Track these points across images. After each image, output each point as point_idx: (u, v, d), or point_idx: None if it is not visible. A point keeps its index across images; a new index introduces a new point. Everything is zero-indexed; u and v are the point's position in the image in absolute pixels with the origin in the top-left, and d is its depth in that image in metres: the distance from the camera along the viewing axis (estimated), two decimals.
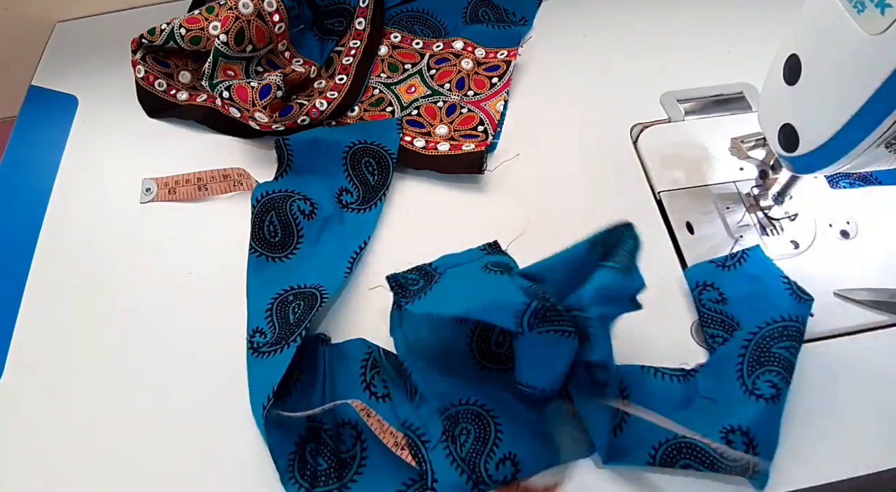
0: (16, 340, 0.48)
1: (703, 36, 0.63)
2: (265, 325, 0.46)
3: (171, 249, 0.52)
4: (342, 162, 0.53)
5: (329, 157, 0.53)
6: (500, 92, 0.59)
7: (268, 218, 0.50)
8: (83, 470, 0.43)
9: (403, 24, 0.65)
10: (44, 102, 0.62)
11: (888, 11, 0.29)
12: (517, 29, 0.62)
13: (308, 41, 0.63)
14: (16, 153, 0.59)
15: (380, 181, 0.53)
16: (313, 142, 0.54)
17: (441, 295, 0.42)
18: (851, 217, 0.51)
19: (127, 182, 0.56)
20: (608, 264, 0.39)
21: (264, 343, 0.45)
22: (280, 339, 0.44)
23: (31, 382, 0.46)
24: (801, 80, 0.37)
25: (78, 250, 0.52)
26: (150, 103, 0.60)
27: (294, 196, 0.51)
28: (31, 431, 0.44)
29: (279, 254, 0.49)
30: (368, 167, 0.53)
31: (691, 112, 0.58)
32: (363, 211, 0.52)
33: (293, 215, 0.50)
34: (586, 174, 0.55)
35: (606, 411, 0.40)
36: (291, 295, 0.47)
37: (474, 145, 0.54)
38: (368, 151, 0.53)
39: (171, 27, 0.57)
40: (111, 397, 0.45)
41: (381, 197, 0.53)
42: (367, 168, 0.53)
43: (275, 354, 0.43)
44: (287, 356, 0.42)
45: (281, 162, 0.54)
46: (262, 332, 0.45)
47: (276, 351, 0.43)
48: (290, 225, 0.50)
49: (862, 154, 0.35)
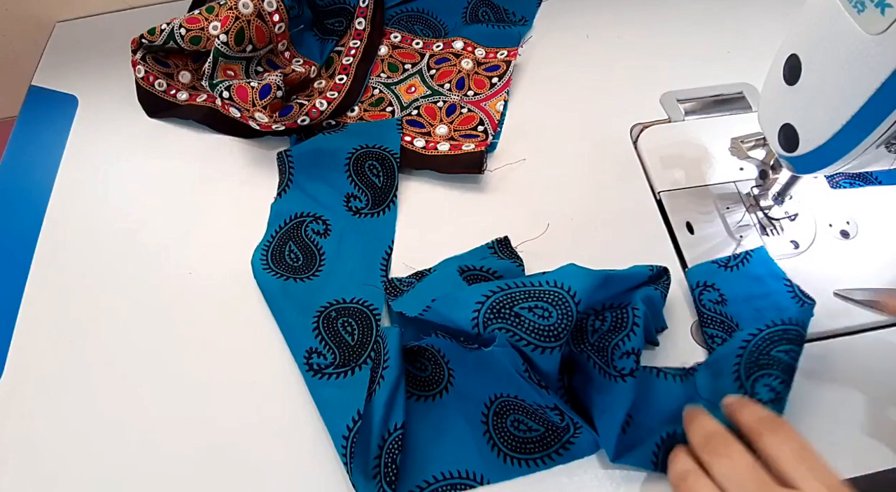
0: (16, 340, 0.48)
1: (703, 36, 0.63)
2: (319, 345, 0.45)
3: (172, 248, 0.52)
4: (345, 169, 0.53)
5: (332, 166, 0.53)
6: (500, 92, 0.59)
7: (287, 248, 0.50)
8: (83, 470, 0.43)
9: (403, 24, 0.65)
10: (44, 102, 0.62)
11: (888, 11, 0.29)
12: (517, 29, 0.62)
13: (308, 41, 0.63)
14: (16, 153, 0.59)
15: (387, 183, 0.53)
16: (315, 152, 0.54)
17: (414, 295, 0.43)
18: (851, 217, 0.51)
19: (127, 182, 0.56)
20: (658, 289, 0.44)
21: (327, 365, 0.44)
22: (347, 361, 0.44)
23: (31, 382, 0.46)
24: (802, 81, 0.37)
25: (78, 250, 0.52)
26: (150, 103, 0.60)
27: (305, 219, 0.51)
28: (31, 431, 0.44)
29: (304, 275, 0.49)
30: (373, 170, 0.53)
31: (691, 112, 0.58)
32: (377, 215, 0.52)
33: (310, 239, 0.50)
34: (586, 174, 0.55)
35: (619, 407, 0.40)
36: (334, 311, 0.46)
37: (474, 145, 0.54)
38: (371, 155, 0.53)
39: (171, 27, 0.57)
40: (111, 397, 0.45)
41: (392, 198, 0.53)
42: (371, 171, 0.53)
43: (345, 376, 0.43)
44: (362, 378, 0.42)
45: (283, 176, 0.54)
46: (319, 352, 0.44)
47: (344, 373, 0.43)
48: (309, 248, 0.50)
49: (862, 154, 0.35)
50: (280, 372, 0.45)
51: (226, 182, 0.56)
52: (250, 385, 0.45)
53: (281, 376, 0.45)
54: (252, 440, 0.43)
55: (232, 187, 0.55)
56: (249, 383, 0.45)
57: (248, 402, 0.44)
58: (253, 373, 0.46)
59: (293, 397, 0.44)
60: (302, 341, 0.45)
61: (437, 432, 0.42)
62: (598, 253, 0.50)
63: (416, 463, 0.41)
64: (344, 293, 0.48)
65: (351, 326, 0.46)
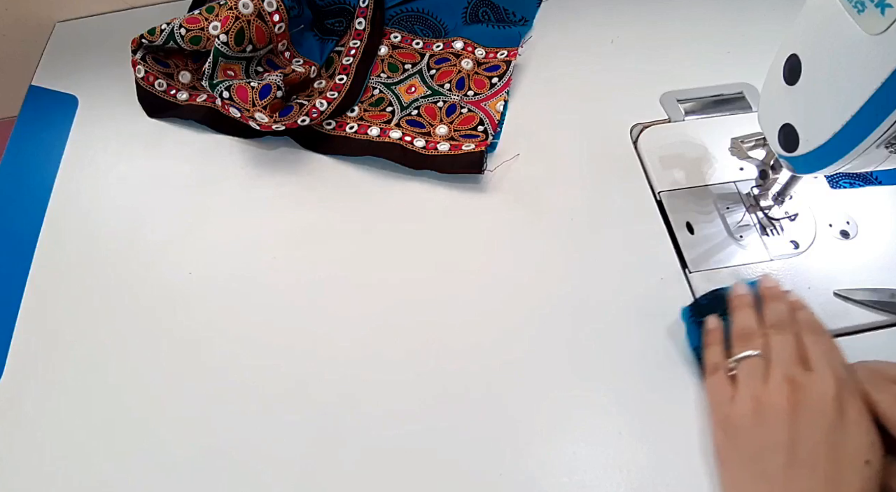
0: (16, 340, 0.48)
1: (703, 36, 0.63)
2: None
3: (171, 248, 0.52)
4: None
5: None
6: (501, 92, 0.59)
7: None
8: (83, 470, 0.43)
9: (403, 24, 0.65)
10: (44, 102, 0.62)
11: (888, 11, 0.29)
12: (517, 29, 0.62)
13: (308, 41, 0.63)
14: (16, 153, 0.59)
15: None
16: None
17: None
18: (851, 217, 0.51)
19: (127, 182, 0.56)
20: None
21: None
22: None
23: (31, 382, 0.46)
24: (802, 81, 0.37)
25: (78, 250, 0.52)
26: (150, 103, 0.60)
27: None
28: (31, 431, 0.44)
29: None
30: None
31: (691, 112, 0.58)
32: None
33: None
34: (586, 174, 0.55)
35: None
36: None
37: (474, 145, 0.54)
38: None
39: (170, 27, 0.57)
40: (111, 398, 0.45)
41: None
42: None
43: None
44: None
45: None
46: None
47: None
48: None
49: (862, 154, 0.35)
50: (279, 373, 0.45)
51: (226, 182, 0.56)
52: (249, 387, 0.45)
53: (281, 377, 0.45)
54: (251, 442, 0.43)
55: (232, 187, 0.55)
56: (248, 384, 0.45)
57: (248, 403, 0.44)
58: (252, 374, 0.46)
59: (292, 399, 0.44)
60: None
61: None
62: (597, 253, 0.50)
63: None
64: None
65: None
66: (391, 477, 0.42)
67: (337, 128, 0.58)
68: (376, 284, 0.49)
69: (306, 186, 0.55)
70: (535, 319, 0.47)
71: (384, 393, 0.45)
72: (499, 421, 0.43)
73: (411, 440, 0.43)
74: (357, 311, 0.48)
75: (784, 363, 0.40)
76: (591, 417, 0.43)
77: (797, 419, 0.37)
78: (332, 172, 0.56)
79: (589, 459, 0.42)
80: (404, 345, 0.46)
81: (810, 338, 0.41)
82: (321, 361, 0.46)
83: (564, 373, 0.45)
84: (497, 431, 0.43)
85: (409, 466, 0.42)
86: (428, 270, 0.50)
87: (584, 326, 0.47)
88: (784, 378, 0.39)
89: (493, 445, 0.42)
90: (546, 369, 0.45)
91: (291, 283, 0.50)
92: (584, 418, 0.43)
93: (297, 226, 0.53)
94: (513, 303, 0.48)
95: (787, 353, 0.41)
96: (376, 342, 0.47)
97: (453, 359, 0.46)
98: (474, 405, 0.44)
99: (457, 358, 0.46)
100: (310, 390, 0.45)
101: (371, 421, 0.43)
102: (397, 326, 0.47)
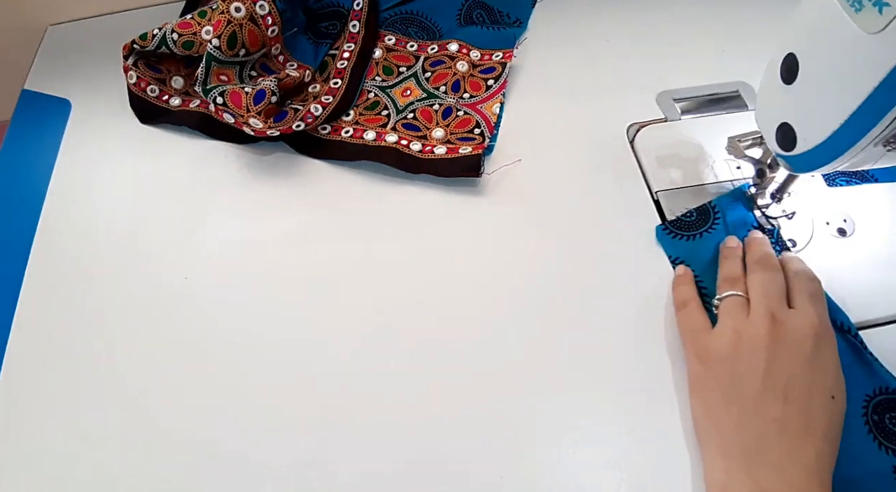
0: (11, 344, 0.47)
1: (698, 35, 0.63)
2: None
3: (167, 253, 0.52)
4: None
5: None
6: (496, 94, 0.59)
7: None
8: (82, 471, 0.42)
9: (398, 26, 0.65)
10: (36, 106, 0.62)
11: (886, 10, 0.29)
12: (512, 30, 0.62)
13: (302, 45, 0.63)
14: (9, 158, 0.59)
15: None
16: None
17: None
18: (848, 215, 0.51)
19: (121, 186, 0.56)
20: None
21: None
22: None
23: (26, 387, 0.46)
24: (799, 80, 0.37)
25: (73, 255, 0.52)
26: (143, 110, 0.59)
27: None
28: (27, 435, 0.44)
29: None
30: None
31: (687, 111, 0.58)
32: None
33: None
34: (583, 174, 0.54)
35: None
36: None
37: (471, 148, 0.54)
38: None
39: (163, 32, 0.56)
40: (110, 399, 0.45)
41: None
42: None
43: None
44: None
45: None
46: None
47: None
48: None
49: (860, 153, 0.35)
50: (279, 374, 0.45)
51: (221, 186, 0.55)
52: (248, 389, 0.45)
53: (280, 378, 0.45)
54: (249, 444, 0.43)
55: (227, 192, 0.55)
56: (247, 386, 0.45)
57: (246, 405, 0.44)
58: (249, 377, 0.45)
59: (292, 400, 0.44)
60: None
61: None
62: (595, 254, 0.50)
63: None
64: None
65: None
66: (391, 477, 0.41)
67: (332, 132, 0.57)
68: (374, 288, 0.49)
69: (302, 191, 0.55)
70: (532, 319, 0.47)
71: (382, 395, 0.44)
72: (499, 422, 0.43)
73: (410, 441, 0.43)
74: (355, 315, 0.48)
75: (767, 299, 0.41)
76: (590, 417, 0.43)
77: (775, 350, 0.39)
78: (327, 176, 0.56)
79: (589, 459, 0.41)
80: (402, 348, 0.46)
81: (796, 280, 0.43)
82: (319, 365, 0.46)
83: (564, 373, 0.45)
84: (497, 432, 0.43)
85: (409, 466, 0.42)
86: (426, 273, 0.50)
87: (583, 326, 0.47)
88: (766, 312, 0.41)
89: (493, 446, 0.42)
90: (545, 369, 0.45)
91: (288, 287, 0.49)
92: (583, 419, 0.43)
93: (293, 231, 0.52)
94: (510, 304, 0.48)
95: (771, 290, 0.42)
96: (374, 346, 0.46)
97: (452, 361, 0.46)
98: (474, 406, 0.44)
99: (456, 360, 0.46)
100: (306, 394, 0.45)
101: (368, 423, 0.43)
102: (395, 330, 0.47)
